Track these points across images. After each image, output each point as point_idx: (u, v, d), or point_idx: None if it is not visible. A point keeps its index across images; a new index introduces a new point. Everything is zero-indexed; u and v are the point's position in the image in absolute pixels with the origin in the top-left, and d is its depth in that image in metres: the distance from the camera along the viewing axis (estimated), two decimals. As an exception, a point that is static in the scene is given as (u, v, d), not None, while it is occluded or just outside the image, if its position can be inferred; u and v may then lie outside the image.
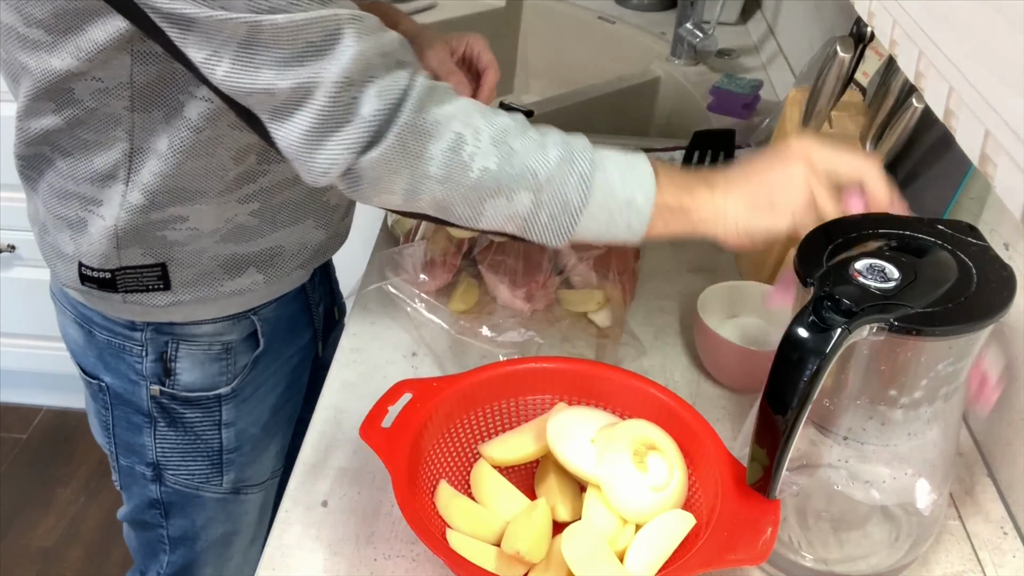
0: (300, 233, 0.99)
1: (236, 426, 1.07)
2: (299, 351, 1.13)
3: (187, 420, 1.05)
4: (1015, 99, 0.37)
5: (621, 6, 1.97)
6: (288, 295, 1.05)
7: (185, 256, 0.93)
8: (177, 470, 1.08)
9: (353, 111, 0.71)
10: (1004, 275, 0.66)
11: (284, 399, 1.13)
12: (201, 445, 1.07)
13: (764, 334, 0.98)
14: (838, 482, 0.78)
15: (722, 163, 1.33)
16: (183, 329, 0.99)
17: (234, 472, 1.11)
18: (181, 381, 1.02)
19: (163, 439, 1.06)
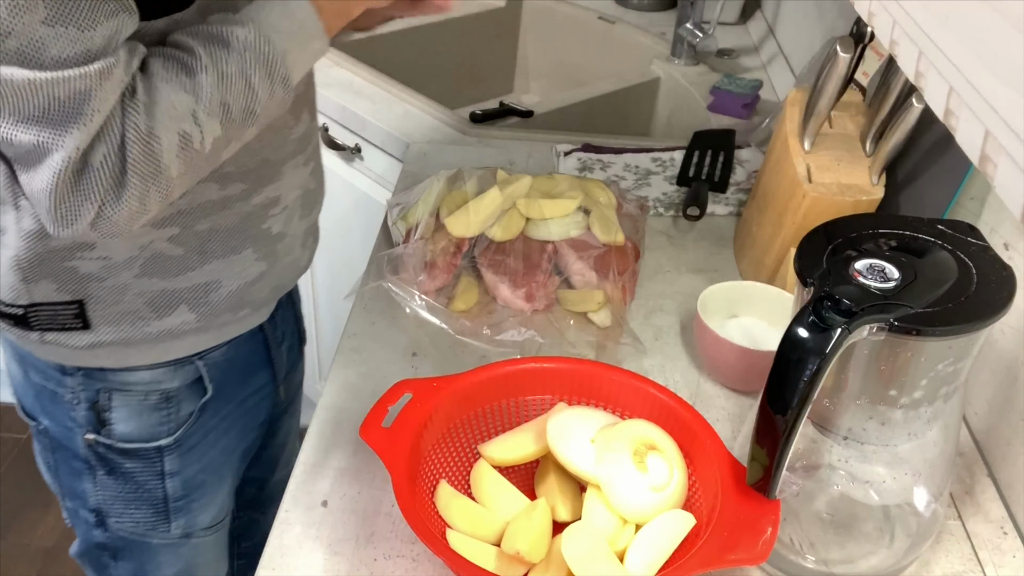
0: (238, 266, 0.91)
1: (182, 475, 1.00)
2: (256, 392, 1.06)
3: (127, 470, 0.98)
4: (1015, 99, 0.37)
5: (621, 6, 1.97)
6: (242, 336, 0.99)
7: (104, 293, 0.85)
8: (120, 517, 1.03)
9: (86, 163, 0.68)
10: (1004, 275, 0.66)
11: (238, 440, 1.07)
12: (144, 494, 1.01)
13: (764, 334, 0.98)
14: (838, 482, 0.78)
15: (721, 163, 1.33)
16: (116, 376, 0.92)
17: (183, 519, 1.04)
18: (116, 431, 0.95)
19: (103, 487, 1.00)
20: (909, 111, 0.90)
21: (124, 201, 0.70)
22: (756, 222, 1.10)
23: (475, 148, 1.39)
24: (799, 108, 1.04)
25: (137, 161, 0.70)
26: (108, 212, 0.70)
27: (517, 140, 1.42)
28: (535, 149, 1.39)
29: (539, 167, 1.34)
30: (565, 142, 1.39)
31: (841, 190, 0.96)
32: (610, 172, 1.32)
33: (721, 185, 1.28)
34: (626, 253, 1.07)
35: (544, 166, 1.34)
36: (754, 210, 1.13)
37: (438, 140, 1.40)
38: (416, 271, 1.04)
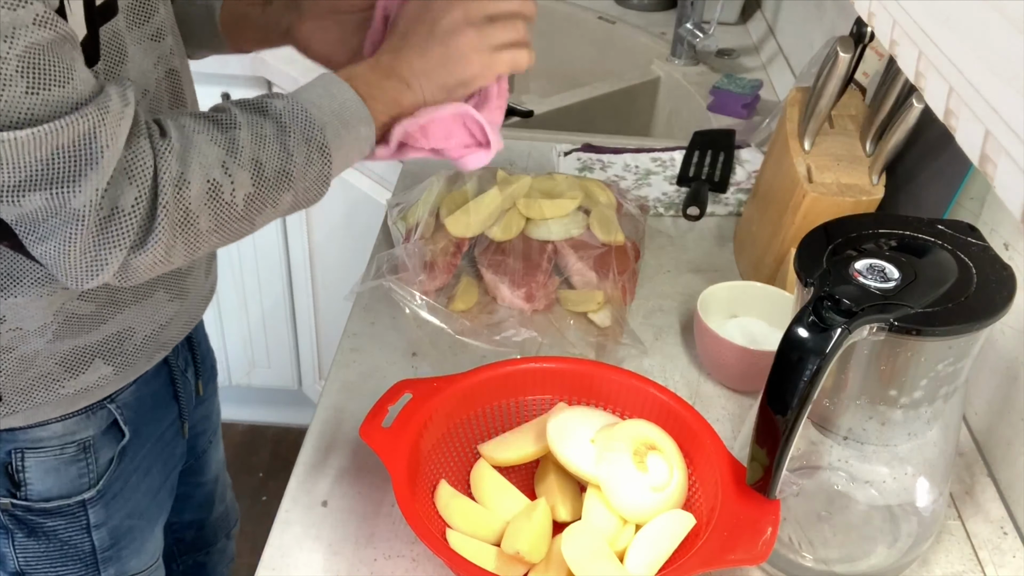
0: (151, 309, 0.87)
1: (108, 525, 0.95)
2: (169, 426, 1.01)
3: (48, 528, 0.92)
4: (1015, 99, 0.37)
5: (621, 6, 1.97)
6: (148, 372, 0.93)
7: (12, 364, 0.80)
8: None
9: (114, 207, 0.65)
10: (1004, 275, 0.66)
11: (161, 479, 1.02)
12: (70, 551, 0.94)
13: (764, 334, 0.98)
14: (838, 482, 0.78)
15: (721, 164, 1.33)
16: (26, 434, 0.86)
17: (113, 568, 0.98)
18: (34, 491, 0.88)
19: (24, 550, 0.93)
20: (909, 111, 0.90)
21: (150, 248, 0.67)
22: (756, 222, 1.10)
23: (475, 148, 1.39)
24: (799, 108, 1.04)
25: (168, 205, 0.66)
26: (133, 259, 0.67)
27: (517, 140, 1.42)
28: (535, 149, 1.39)
29: (539, 167, 1.34)
30: (565, 142, 1.39)
31: (841, 190, 0.96)
32: (610, 172, 1.32)
33: (721, 185, 1.28)
34: (626, 253, 1.07)
35: (544, 166, 1.34)
36: (754, 210, 1.13)
37: (438, 140, 1.40)
38: (416, 271, 1.04)
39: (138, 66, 0.76)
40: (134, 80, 0.75)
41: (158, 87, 0.80)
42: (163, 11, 0.80)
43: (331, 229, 1.75)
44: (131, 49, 0.75)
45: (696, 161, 1.33)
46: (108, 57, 0.72)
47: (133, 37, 0.76)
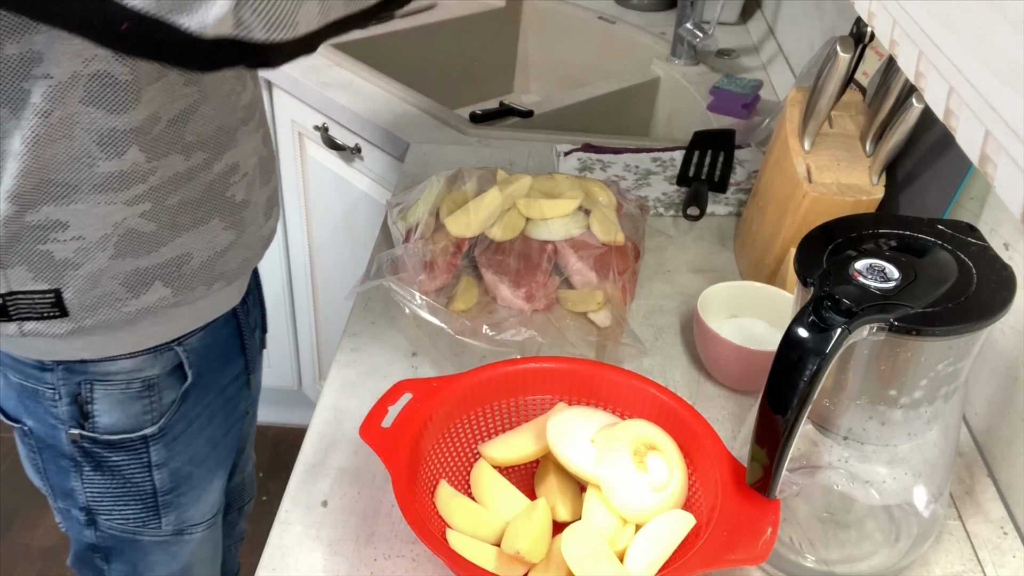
0: (207, 236, 0.91)
1: (169, 466, 1.00)
2: (233, 380, 1.07)
3: (113, 463, 0.98)
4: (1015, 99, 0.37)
5: (621, 6, 1.97)
6: (217, 321, 0.98)
7: (80, 282, 0.85)
8: (110, 515, 1.02)
9: None
10: (1004, 275, 0.66)
11: (222, 431, 1.07)
12: (132, 488, 1.00)
13: (764, 334, 0.98)
14: (838, 482, 0.78)
15: (721, 163, 1.33)
16: (96, 367, 0.92)
17: (174, 514, 1.04)
18: (100, 424, 0.95)
19: (91, 483, 1.00)
20: (909, 111, 0.90)
21: None
22: (756, 222, 1.10)
23: (475, 148, 1.39)
24: (799, 108, 1.04)
25: None
26: None
27: (517, 140, 1.42)
28: (535, 149, 1.39)
29: (539, 167, 1.34)
30: (565, 142, 1.39)
31: (841, 190, 0.96)
32: (610, 172, 1.32)
33: (721, 185, 1.28)
34: (626, 253, 1.07)
35: (544, 166, 1.34)
36: (754, 210, 1.13)
37: (438, 140, 1.40)
38: (416, 271, 1.04)
39: None
40: None
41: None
42: None
43: (331, 229, 1.75)
44: None
45: (696, 161, 1.33)
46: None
47: None
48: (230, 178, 0.91)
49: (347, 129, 1.54)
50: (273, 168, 1.01)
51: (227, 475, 1.11)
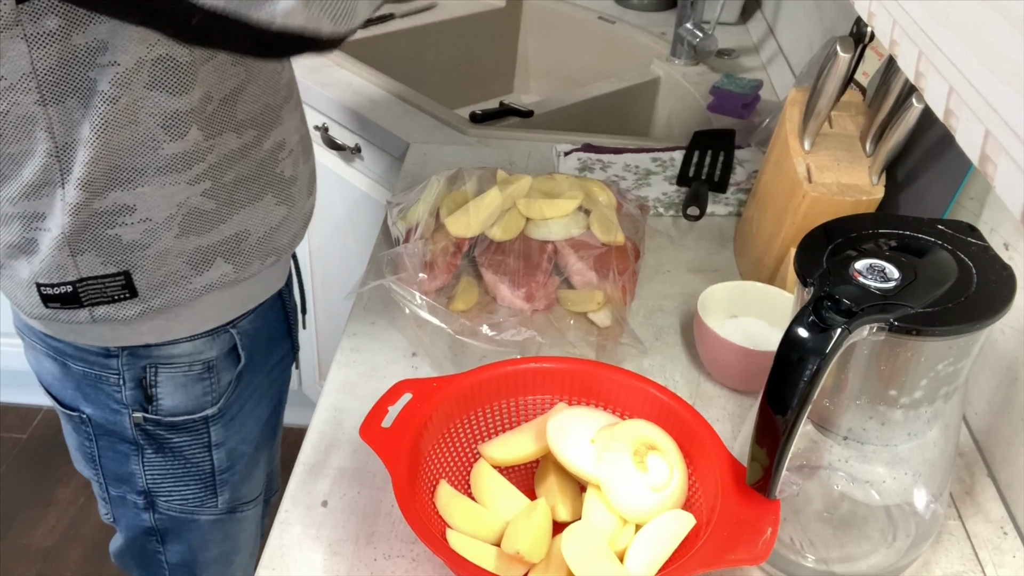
0: (262, 212, 0.94)
1: (227, 446, 1.05)
2: (280, 362, 1.11)
3: (175, 445, 1.02)
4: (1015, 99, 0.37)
5: (621, 6, 1.97)
6: (265, 304, 1.02)
7: (148, 262, 0.88)
8: (170, 496, 1.06)
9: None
10: (1004, 275, 0.66)
11: (269, 411, 1.12)
12: (192, 469, 1.04)
13: (764, 334, 0.98)
14: (838, 482, 0.78)
15: (721, 163, 1.33)
16: (160, 351, 0.95)
17: (228, 492, 1.08)
18: (164, 406, 0.98)
19: (152, 466, 1.03)
20: (909, 111, 0.90)
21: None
22: (756, 222, 1.10)
23: (475, 148, 1.39)
24: (799, 108, 1.04)
25: None
26: None
27: (517, 140, 1.42)
28: (535, 149, 1.39)
29: (539, 167, 1.34)
30: (565, 142, 1.39)
31: (841, 190, 0.96)
32: (610, 172, 1.32)
33: (721, 185, 1.28)
34: (626, 253, 1.07)
35: (544, 166, 1.34)
36: (754, 210, 1.13)
37: (438, 140, 1.40)
38: (416, 271, 1.04)
39: None
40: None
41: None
42: None
43: (331, 229, 1.75)
44: None
45: (696, 161, 1.33)
46: None
47: None
48: (278, 155, 0.94)
49: (347, 129, 1.54)
50: (311, 146, 1.05)
51: (270, 454, 1.16)
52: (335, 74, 1.58)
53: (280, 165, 0.95)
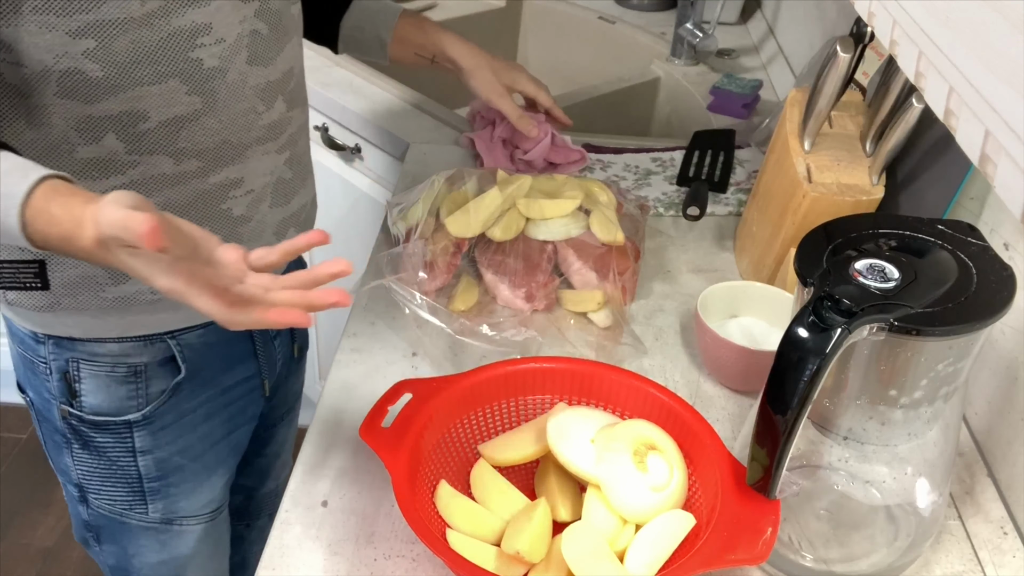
0: None
1: (154, 455, 1.00)
2: (241, 383, 1.06)
3: (99, 444, 0.99)
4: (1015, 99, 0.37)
5: (621, 6, 1.97)
6: None
7: (62, 260, 0.87)
8: (99, 494, 1.03)
9: None
10: (1004, 275, 0.66)
11: (223, 431, 1.06)
12: (118, 471, 1.01)
13: (764, 334, 0.98)
14: (838, 482, 0.78)
15: (721, 163, 1.33)
16: (84, 347, 0.93)
17: (161, 502, 1.04)
18: (87, 403, 0.96)
19: (81, 461, 1.01)
20: (909, 111, 0.90)
21: None
22: (756, 222, 1.10)
23: (475, 148, 1.39)
24: (799, 108, 1.04)
25: None
26: None
27: (517, 140, 1.41)
28: (535, 149, 1.38)
29: (539, 167, 1.34)
30: (565, 142, 1.39)
31: (841, 190, 0.96)
32: (610, 172, 1.32)
33: (721, 185, 1.28)
34: (626, 253, 1.07)
35: (544, 166, 1.34)
36: (754, 210, 1.13)
37: (438, 140, 1.40)
38: (416, 271, 1.04)
39: (224, 16, 0.82)
40: (217, 27, 0.81)
41: (238, 41, 0.84)
42: None
43: (331, 229, 1.75)
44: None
45: (696, 161, 1.33)
46: None
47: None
48: (229, 192, 0.91)
49: (347, 129, 1.54)
50: (295, 192, 1.01)
51: (230, 474, 1.11)
52: (335, 74, 1.58)
53: (228, 202, 0.91)
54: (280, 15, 0.90)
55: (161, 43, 0.78)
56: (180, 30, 0.79)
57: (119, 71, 0.78)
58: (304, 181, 1.03)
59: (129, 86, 0.79)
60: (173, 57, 0.80)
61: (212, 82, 0.83)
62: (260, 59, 0.88)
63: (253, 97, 0.89)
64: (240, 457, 1.12)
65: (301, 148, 1.01)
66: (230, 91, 0.86)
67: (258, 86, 0.89)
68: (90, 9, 0.74)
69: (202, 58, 0.82)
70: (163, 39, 0.78)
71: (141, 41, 0.77)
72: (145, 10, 0.76)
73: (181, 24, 0.79)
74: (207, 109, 0.84)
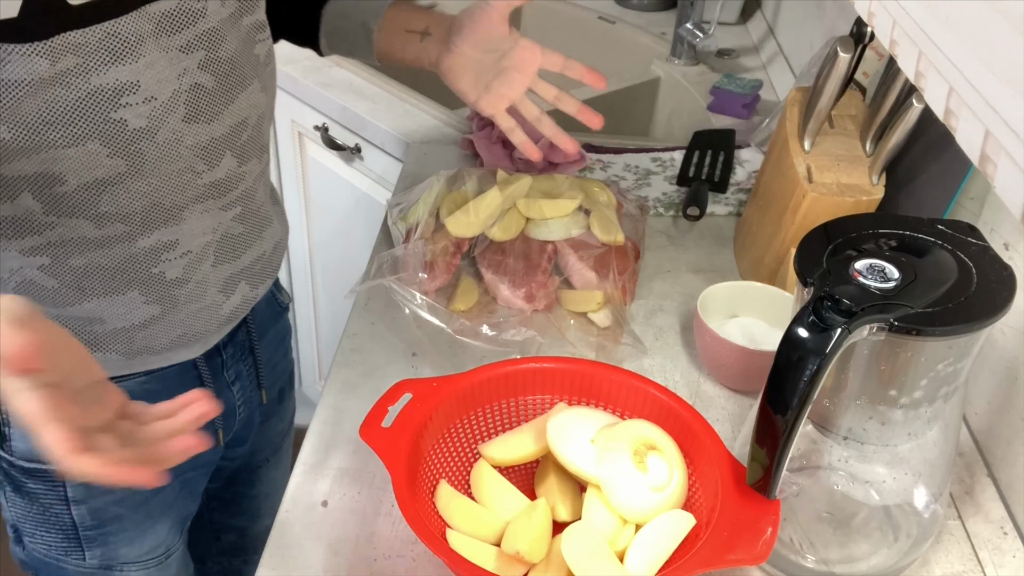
0: (123, 307, 0.84)
1: (88, 504, 0.94)
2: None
3: (31, 490, 0.93)
4: (1015, 99, 0.37)
5: (621, 6, 1.97)
6: (170, 370, 0.91)
7: None
8: (32, 537, 0.98)
9: None
10: (1004, 275, 0.66)
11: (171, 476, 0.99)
12: (52, 518, 0.95)
13: (764, 334, 0.98)
14: (838, 482, 0.78)
15: (721, 163, 1.33)
16: None
17: (99, 549, 0.98)
18: (17, 448, 0.90)
19: (14, 504, 0.96)
20: (909, 111, 0.90)
21: None
22: (756, 222, 1.10)
23: (475, 148, 1.39)
24: (799, 108, 1.04)
25: None
26: None
27: (517, 140, 1.41)
28: (535, 149, 1.38)
29: (539, 167, 1.34)
30: (565, 142, 1.39)
31: (841, 190, 0.96)
32: (610, 172, 1.32)
33: (721, 185, 1.28)
34: (626, 253, 1.07)
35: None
36: (754, 210, 1.13)
37: (438, 140, 1.40)
38: (416, 271, 1.04)
39: (156, 72, 0.75)
40: (145, 85, 0.74)
41: (173, 99, 0.77)
42: (207, 26, 0.78)
43: (331, 229, 1.75)
44: (151, 54, 0.74)
45: (696, 161, 1.33)
46: (102, 50, 0.71)
47: (159, 44, 0.74)
48: (161, 255, 0.84)
49: (347, 129, 1.54)
50: (249, 245, 0.92)
51: (184, 517, 1.05)
52: (335, 74, 1.58)
53: (161, 266, 0.84)
54: (233, 63, 0.81)
55: (78, 103, 0.71)
56: (100, 89, 0.71)
57: (29, 132, 0.70)
58: (261, 232, 0.93)
59: (42, 148, 0.72)
60: (92, 118, 0.72)
61: (138, 143, 0.76)
62: (201, 115, 0.80)
63: (191, 156, 0.81)
64: (197, 501, 1.06)
65: (259, 200, 0.92)
66: (161, 152, 0.78)
67: (197, 144, 0.80)
68: None
69: (126, 119, 0.74)
70: (79, 99, 0.71)
71: (54, 101, 0.70)
72: (56, 70, 0.69)
73: (102, 83, 0.71)
74: (133, 172, 0.77)
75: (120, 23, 0.71)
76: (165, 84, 0.75)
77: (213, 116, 0.81)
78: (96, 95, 0.72)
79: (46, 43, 0.68)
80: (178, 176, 0.80)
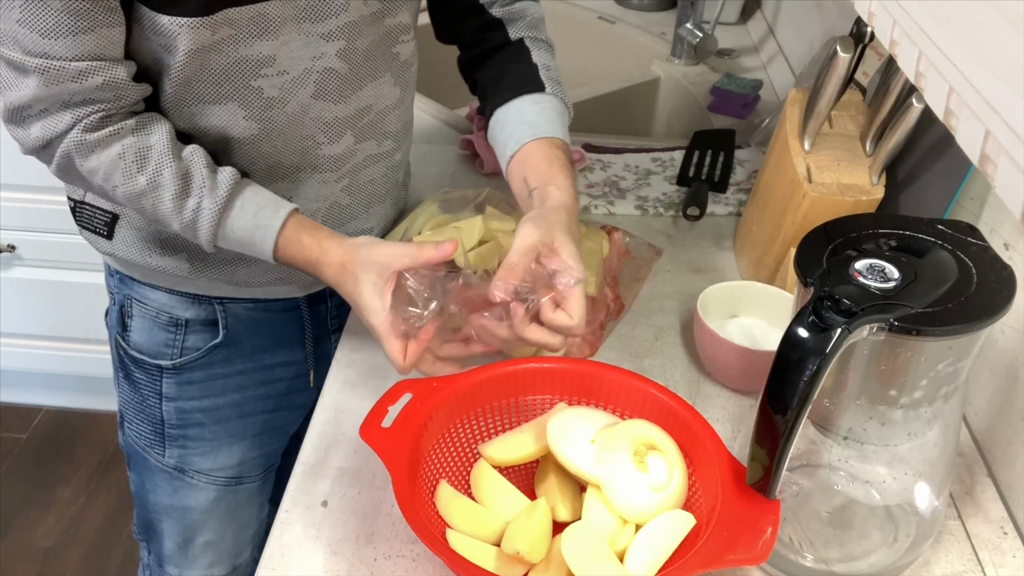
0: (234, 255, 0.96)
1: (177, 403, 1.07)
2: (286, 366, 1.11)
3: (136, 379, 1.07)
4: (1015, 99, 0.37)
5: (621, 6, 1.97)
6: (274, 304, 1.04)
7: (134, 216, 0.95)
8: (130, 424, 1.11)
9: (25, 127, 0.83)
10: (1004, 275, 0.66)
11: (259, 407, 1.11)
12: (147, 409, 1.09)
13: (764, 334, 0.98)
14: (838, 482, 0.78)
15: (721, 163, 1.33)
16: (139, 289, 1.02)
17: (177, 450, 1.10)
18: (133, 340, 1.05)
19: (123, 390, 1.10)
20: (909, 111, 0.90)
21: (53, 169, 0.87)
22: (756, 222, 1.10)
23: (475, 148, 1.39)
24: (799, 108, 1.04)
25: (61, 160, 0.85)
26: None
27: (517, 140, 1.41)
28: (535, 149, 1.38)
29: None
30: (565, 142, 1.38)
31: (841, 190, 0.96)
32: (610, 172, 1.32)
33: (721, 185, 1.28)
34: (601, 305, 0.99)
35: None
36: (754, 210, 1.13)
37: (438, 140, 1.40)
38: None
39: (291, 50, 0.86)
40: (281, 60, 0.86)
41: (305, 76, 0.88)
42: (347, 19, 0.88)
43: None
44: (290, 35, 0.85)
45: (696, 161, 1.33)
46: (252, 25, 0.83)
47: (300, 28, 0.85)
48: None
49: (347, 129, 1.53)
50: (355, 217, 1.02)
51: (261, 453, 1.15)
52: (335, 74, 1.57)
53: None
54: (368, 55, 0.92)
55: (227, 68, 0.84)
56: (246, 58, 0.84)
57: (186, 87, 0.85)
58: (368, 208, 1.03)
59: (193, 102, 0.86)
60: (235, 82, 0.85)
61: (270, 111, 0.88)
62: (330, 95, 0.91)
63: (313, 128, 0.92)
64: (284, 442, 1.17)
65: (367, 176, 1.01)
66: (288, 120, 0.90)
67: (321, 119, 0.92)
68: None
69: (262, 87, 0.86)
70: (228, 65, 0.84)
71: (209, 64, 0.83)
72: (215, 39, 0.81)
73: (247, 53, 0.84)
74: (263, 135, 0.90)
75: (269, 5, 0.82)
76: (297, 62, 0.87)
77: (341, 98, 0.92)
78: (241, 63, 0.84)
79: (211, 17, 0.80)
80: (299, 142, 0.92)
